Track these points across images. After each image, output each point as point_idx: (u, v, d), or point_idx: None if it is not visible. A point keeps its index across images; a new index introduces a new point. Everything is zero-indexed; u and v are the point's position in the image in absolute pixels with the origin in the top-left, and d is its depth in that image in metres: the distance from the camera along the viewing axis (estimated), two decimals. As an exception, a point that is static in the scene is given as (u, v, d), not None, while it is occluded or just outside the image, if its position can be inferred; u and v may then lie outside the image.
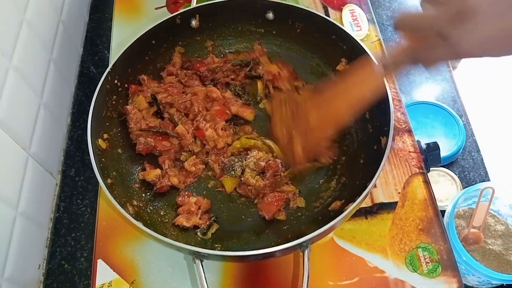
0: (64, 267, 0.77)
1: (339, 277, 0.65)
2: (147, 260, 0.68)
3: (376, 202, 0.71)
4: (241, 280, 0.66)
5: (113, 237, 0.70)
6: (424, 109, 0.93)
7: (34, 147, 0.78)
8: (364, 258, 0.66)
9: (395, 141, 0.76)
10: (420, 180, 0.72)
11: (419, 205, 0.70)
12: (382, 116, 0.67)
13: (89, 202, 0.84)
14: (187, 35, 0.83)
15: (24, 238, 0.72)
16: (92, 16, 1.10)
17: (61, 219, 0.82)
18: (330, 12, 0.92)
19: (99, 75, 0.98)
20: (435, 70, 0.51)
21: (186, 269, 0.67)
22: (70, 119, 0.95)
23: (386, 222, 0.69)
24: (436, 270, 0.65)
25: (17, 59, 0.75)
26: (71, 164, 0.89)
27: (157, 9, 0.97)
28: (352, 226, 0.69)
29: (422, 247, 0.66)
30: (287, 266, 0.66)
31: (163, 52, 0.82)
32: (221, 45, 0.87)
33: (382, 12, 1.10)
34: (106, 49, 1.02)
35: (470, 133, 0.92)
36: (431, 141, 0.76)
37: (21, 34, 0.77)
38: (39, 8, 0.84)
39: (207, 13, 0.81)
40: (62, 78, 0.93)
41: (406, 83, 0.99)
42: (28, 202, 0.74)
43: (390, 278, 0.65)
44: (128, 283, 0.66)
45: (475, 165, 0.89)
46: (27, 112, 0.78)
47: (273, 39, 0.85)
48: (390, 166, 0.74)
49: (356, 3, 0.92)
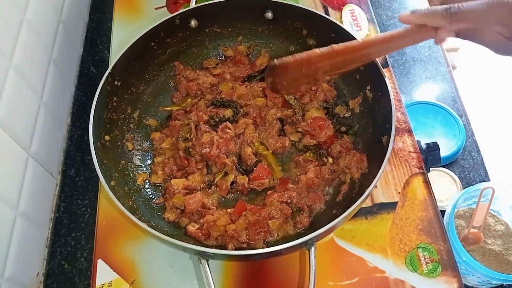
0: (64, 267, 0.77)
1: (339, 277, 0.65)
2: (147, 260, 0.68)
3: (376, 202, 0.71)
4: (242, 280, 0.66)
5: (113, 237, 0.70)
6: (424, 109, 0.93)
7: (34, 147, 0.78)
8: (364, 258, 0.66)
9: (395, 141, 0.76)
10: (420, 180, 0.72)
11: (419, 205, 0.70)
12: (383, 115, 0.67)
13: (89, 202, 0.84)
14: (187, 35, 0.83)
15: (24, 238, 0.72)
16: (92, 16, 1.10)
17: (61, 219, 0.82)
18: (330, 12, 0.92)
19: (99, 75, 0.98)
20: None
21: (186, 269, 0.67)
22: (70, 119, 0.95)
23: (386, 222, 0.69)
24: (436, 270, 0.65)
25: (17, 59, 0.75)
26: (71, 164, 0.89)
27: (157, 9, 0.97)
28: (352, 226, 0.69)
29: (422, 247, 0.66)
30: (287, 265, 0.67)
31: (162, 53, 0.82)
32: (221, 45, 0.87)
33: (382, 12, 1.10)
34: (106, 49, 1.02)
35: (470, 133, 0.92)
36: (431, 141, 0.76)
37: (21, 34, 0.77)
38: (39, 8, 0.84)
39: (206, 13, 0.81)
40: (62, 78, 0.93)
41: (406, 83, 1.00)
42: (28, 202, 0.74)
43: (390, 278, 0.65)
44: (128, 283, 0.66)
45: (475, 165, 0.89)
46: (27, 112, 0.78)
47: (272, 39, 0.85)
48: (390, 166, 0.74)
49: (356, 3, 0.92)
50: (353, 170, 0.70)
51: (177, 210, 0.70)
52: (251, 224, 0.65)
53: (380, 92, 0.70)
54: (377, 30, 0.88)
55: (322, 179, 0.72)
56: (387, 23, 1.08)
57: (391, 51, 0.64)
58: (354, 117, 0.77)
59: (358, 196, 0.60)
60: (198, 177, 0.72)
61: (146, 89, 0.81)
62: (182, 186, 0.71)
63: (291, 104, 0.80)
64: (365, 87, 0.74)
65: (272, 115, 0.79)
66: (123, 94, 0.76)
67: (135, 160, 0.75)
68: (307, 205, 0.69)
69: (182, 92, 0.84)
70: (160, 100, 0.83)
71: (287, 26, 0.82)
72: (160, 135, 0.78)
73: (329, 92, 0.80)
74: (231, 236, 0.64)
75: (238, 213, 0.67)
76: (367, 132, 0.74)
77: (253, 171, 0.72)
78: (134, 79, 0.79)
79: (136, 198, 0.70)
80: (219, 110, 0.79)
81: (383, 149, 0.63)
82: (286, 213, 0.67)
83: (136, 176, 0.73)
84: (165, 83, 0.84)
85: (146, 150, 0.78)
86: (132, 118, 0.78)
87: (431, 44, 1.04)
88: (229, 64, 0.86)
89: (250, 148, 0.74)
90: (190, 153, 0.75)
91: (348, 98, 0.79)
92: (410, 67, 1.01)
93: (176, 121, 0.79)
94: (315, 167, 0.72)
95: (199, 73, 0.84)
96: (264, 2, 0.80)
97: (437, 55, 1.02)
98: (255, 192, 0.73)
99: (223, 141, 0.73)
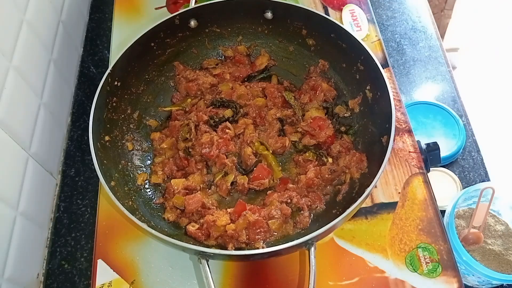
0: (64, 267, 0.77)
1: (339, 277, 0.65)
2: (147, 260, 0.68)
3: (376, 202, 0.71)
4: (242, 280, 0.66)
5: (113, 237, 0.70)
6: (424, 109, 0.93)
7: (34, 147, 0.78)
8: (364, 258, 0.66)
9: (395, 141, 0.76)
10: (420, 180, 0.72)
11: (419, 205, 0.70)
12: (383, 115, 0.67)
13: (89, 202, 0.84)
14: (187, 36, 0.83)
15: (24, 238, 0.72)
16: (92, 16, 1.10)
17: (61, 219, 0.82)
18: (330, 12, 0.92)
19: (99, 75, 0.98)
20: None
21: (186, 269, 0.67)
22: (70, 119, 0.95)
23: (386, 222, 0.69)
24: (436, 270, 0.65)
25: (17, 59, 0.75)
26: (71, 164, 0.89)
27: (157, 9, 0.97)
28: (352, 226, 0.69)
29: (422, 247, 0.66)
30: (287, 265, 0.66)
31: (162, 53, 0.82)
32: (221, 45, 0.87)
33: (382, 12, 1.10)
34: (106, 49, 1.02)
35: (470, 133, 0.92)
36: (431, 141, 0.76)
37: (21, 34, 0.77)
38: (39, 8, 0.84)
39: (206, 13, 0.81)
40: (62, 78, 0.93)
41: (406, 83, 1.00)
42: (28, 202, 0.74)
43: (390, 278, 0.65)
44: (128, 283, 0.66)
45: (475, 165, 0.89)
46: (27, 112, 0.78)
47: (272, 39, 0.85)
48: (390, 166, 0.74)
49: (356, 3, 0.92)
50: (353, 170, 0.70)
51: (177, 210, 0.70)
52: (251, 224, 0.65)
53: (380, 92, 0.70)
54: (377, 30, 0.88)
55: (322, 179, 0.72)
56: (387, 23, 1.08)
57: None
58: (354, 117, 0.77)
59: (358, 196, 0.60)
60: (198, 177, 0.72)
61: (146, 90, 0.81)
62: (182, 186, 0.71)
63: (291, 104, 0.80)
64: (365, 87, 0.74)
65: (272, 115, 0.79)
66: (123, 94, 0.76)
67: (135, 160, 0.75)
68: (307, 205, 0.69)
69: (182, 92, 0.84)
70: (160, 101, 0.83)
71: (287, 26, 0.82)
72: (160, 135, 0.78)
73: (328, 92, 0.80)
74: (231, 236, 0.64)
75: (238, 213, 0.67)
76: (367, 132, 0.74)
77: (253, 171, 0.73)
78: (134, 79, 0.79)
79: (136, 198, 0.70)
80: (219, 110, 0.79)
81: (383, 149, 0.63)
82: (286, 213, 0.67)
83: (136, 176, 0.73)
84: (165, 84, 0.84)
85: (146, 150, 0.78)
86: (132, 118, 0.78)
87: (431, 44, 1.04)
88: (229, 64, 0.86)
89: (250, 148, 0.74)
90: (190, 153, 0.75)
91: (348, 98, 0.79)
92: (410, 67, 1.01)
93: (176, 121, 0.79)
94: (315, 167, 0.72)
95: (199, 73, 0.84)
96: (264, 2, 0.80)
97: (437, 55, 1.02)
98: (255, 192, 0.73)
99: (223, 141, 0.73)
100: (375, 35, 0.88)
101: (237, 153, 0.75)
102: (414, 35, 1.06)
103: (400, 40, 1.05)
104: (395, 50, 1.04)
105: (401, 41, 1.05)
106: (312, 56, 0.83)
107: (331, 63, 0.81)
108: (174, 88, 0.85)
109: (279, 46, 0.86)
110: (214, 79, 0.83)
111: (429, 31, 1.06)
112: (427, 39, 1.05)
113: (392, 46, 1.04)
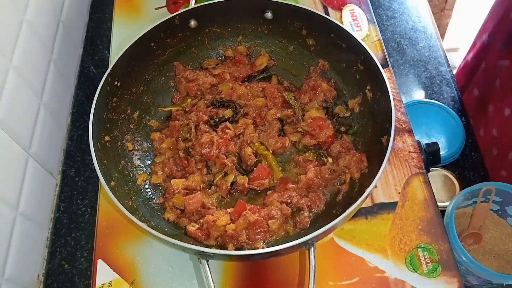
0: (64, 267, 0.77)
1: (339, 277, 0.65)
2: (147, 260, 0.68)
3: (376, 202, 0.71)
4: (242, 280, 0.66)
5: (113, 237, 0.70)
6: (424, 109, 0.93)
7: (34, 147, 0.78)
8: (364, 258, 0.66)
9: (395, 141, 0.76)
10: (420, 180, 0.72)
11: (419, 205, 0.70)
12: (383, 115, 0.67)
13: (89, 202, 0.84)
14: (187, 36, 0.83)
15: (24, 238, 0.72)
16: (92, 16, 1.10)
17: (61, 219, 0.82)
18: (330, 12, 0.92)
19: (99, 75, 0.98)
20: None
21: (186, 269, 0.67)
22: (70, 119, 0.95)
23: (386, 222, 0.69)
24: (436, 270, 0.65)
25: (17, 59, 0.75)
26: (71, 164, 0.89)
27: (157, 9, 0.97)
28: (352, 226, 0.69)
29: (422, 247, 0.66)
30: (287, 265, 0.67)
31: (162, 53, 0.82)
32: (221, 45, 0.87)
33: (382, 12, 1.10)
34: (106, 49, 1.02)
35: (470, 133, 0.92)
36: (431, 141, 0.76)
37: (21, 34, 0.77)
38: (39, 8, 0.84)
39: (206, 13, 0.81)
40: (62, 78, 0.93)
41: (406, 83, 1.00)
42: (28, 202, 0.74)
43: (390, 278, 0.65)
44: (128, 283, 0.66)
45: (475, 165, 0.89)
46: (27, 112, 0.78)
47: (272, 39, 0.85)
48: (390, 166, 0.74)
49: (356, 3, 0.92)
50: (353, 170, 0.70)
51: (177, 210, 0.70)
52: (251, 224, 0.65)
53: (380, 92, 0.70)
54: (377, 30, 0.88)
55: (322, 179, 0.72)
56: (387, 23, 1.08)
57: None
58: (354, 117, 0.77)
59: (358, 196, 0.60)
60: (198, 177, 0.72)
61: (146, 90, 0.81)
62: (182, 186, 0.71)
63: (290, 104, 0.80)
64: (365, 87, 0.74)
65: (272, 115, 0.79)
66: (123, 94, 0.76)
67: (135, 160, 0.75)
68: (307, 205, 0.69)
69: (182, 93, 0.84)
70: (160, 101, 0.83)
71: (286, 26, 0.82)
72: (160, 135, 0.78)
73: (328, 92, 0.80)
74: (231, 236, 0.64)
75: (238, 213, 0.67)
76: (367, 132, 0.74)
77: (253, 171, 0.73)
78: (134, 79, 0.79)
79: (136, 198, 0.70)
80: (219, 110, 0.79)
81: (383, 149, 0.63)
82: (286, 213, 0.67)
83: (136, 176, 0.73)
84: (165, 84, 0.84)
85: (146, 150, 0.78)
86: (132, 118, 0.78)
87: (431, 44, 1.04)
88: (228, 64, 0.86)
89: (250, 148, 0.74)
90: (190, 153, 0.75)
91: (348, 98, 0.79)
92: (410, 67, 1.02)
93: (176, 121, 0.79)
94: (315, 167, 0.72)
95: (199, 73, 0.84)
96: (264, 2, 0.80)
97: (437, 55, 1.03)
98: (255, 192, 0.73)
99: (223, 141, 0.73)
100: (375, 35, 0.88)
101: (237, 153, 0.75)
102: (414, 35, 1.06)
103: (400, 40, 1.05)
104: (395, 50, 1.04)
105: (401, 41, 1.05)
106: (312, 56, 0.83)
107: (331, 63, 0.81)
108: (174, 88, 0.85)
109: (279, 46, 0.86)
110: (214, 79, 0.83)
111: (429, 31, 1.06)
112: (427, 39, 1.05)
113: (392, 46, 1.04)
